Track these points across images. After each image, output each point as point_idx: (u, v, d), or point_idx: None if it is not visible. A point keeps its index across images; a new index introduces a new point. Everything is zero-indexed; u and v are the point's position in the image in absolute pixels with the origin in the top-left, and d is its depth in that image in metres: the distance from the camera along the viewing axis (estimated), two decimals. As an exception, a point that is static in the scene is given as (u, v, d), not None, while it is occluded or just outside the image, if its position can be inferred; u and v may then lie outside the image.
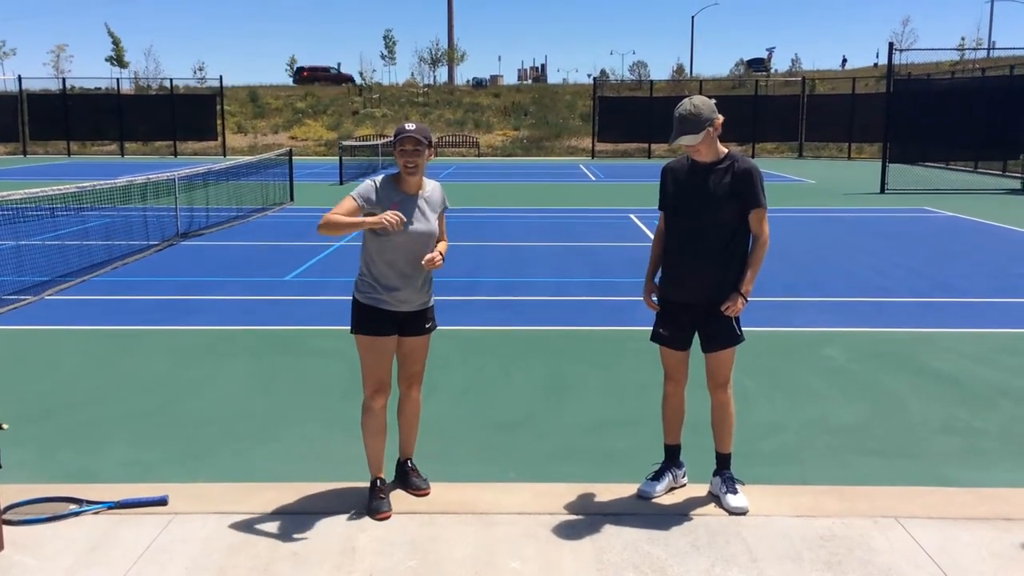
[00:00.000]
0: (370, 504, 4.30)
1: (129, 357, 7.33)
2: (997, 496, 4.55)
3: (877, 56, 60.77)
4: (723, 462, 4.51)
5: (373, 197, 4.20)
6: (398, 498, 4.44)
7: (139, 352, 7.48)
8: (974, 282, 10.58)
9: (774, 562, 3.85)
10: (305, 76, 56.77)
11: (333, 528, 4.14)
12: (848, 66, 62.45)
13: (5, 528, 4.02)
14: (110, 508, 4.34)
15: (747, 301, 4.31)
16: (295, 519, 4.22)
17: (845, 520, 4.23)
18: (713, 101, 4.25)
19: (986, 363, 7.09)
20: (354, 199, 4.22)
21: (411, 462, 4.62)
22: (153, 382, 6.64)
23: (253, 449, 5.31)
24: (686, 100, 4.25)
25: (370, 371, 4.31)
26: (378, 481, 4.38)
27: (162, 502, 4.38)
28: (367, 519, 4.23)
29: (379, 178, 4.28)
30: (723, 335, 4.36)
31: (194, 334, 8.12)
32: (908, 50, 32.15)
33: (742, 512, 4.30)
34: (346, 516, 4.25)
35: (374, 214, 4.14)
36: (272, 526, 4.15)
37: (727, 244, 4.31)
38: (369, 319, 4.27)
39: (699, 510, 4.35)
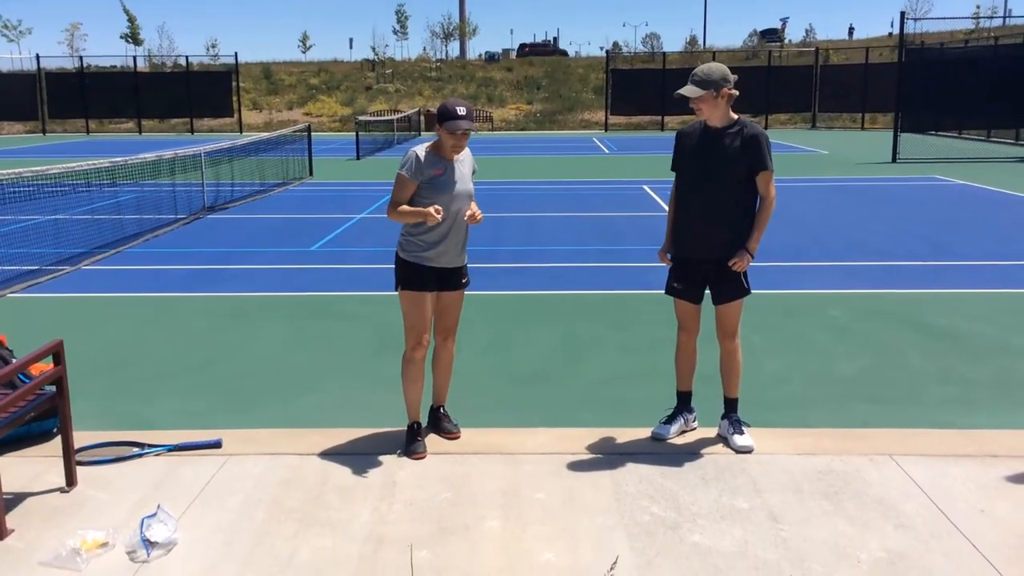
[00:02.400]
0: (408, 445, 4.71)
1: (168, 321, 7.75)
2: (986, 437, 4.91)
3: (892, 25, 60.51)
4: (731, 406, 4.89)
5: (423, 169, 4.55)
6: (431, 441, 4.85)
7: (177, 316, 7.90)
8: (979, 247, 10.87)
9: (776, 492, 4.23)
10: (527, 52, 62.78)
11: (375, 466, 4.54)
12: (861, 35, 62.23)
13: (78, 468, 4.45)
14: (169, 451, 4.76)
15: (752, 257, 4.67)
16: (340, 458, 4.63)
17: (843, 457, 4.60)
18: (733, 76, 4.59)
19: (986, 320, 7.42)
20: (409, 179, 4.55)
21: (443, 408, 5.03)
22: (193, 343, 7.06)
23: (294, 400, 5.71)
24: (707, 64, 4.64)
25: (413, 324, 4.69)
26: (415, 425, 4.79)
27: (216, 445, 4.80)
28: (405, 459, 4.63)
29: (420, 150, 4.58)
30: (732, 288, 4.72)
31: (228, 300, 8.54)
32: (922, 19, 32.07)
33: (748, 450, 4.68)
34: (386, 456, 4.66)
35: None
36: (319, 464, 4.57)
37: (735, 205, 4.64)
38: (414, 275, 4.65)
39: (708, 449, 4.73)
